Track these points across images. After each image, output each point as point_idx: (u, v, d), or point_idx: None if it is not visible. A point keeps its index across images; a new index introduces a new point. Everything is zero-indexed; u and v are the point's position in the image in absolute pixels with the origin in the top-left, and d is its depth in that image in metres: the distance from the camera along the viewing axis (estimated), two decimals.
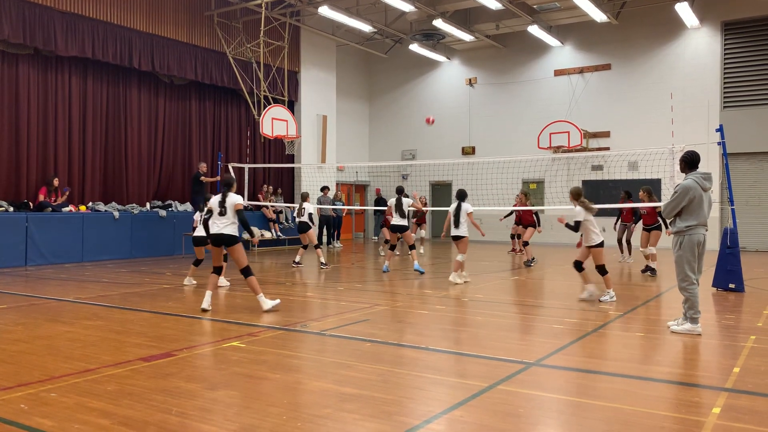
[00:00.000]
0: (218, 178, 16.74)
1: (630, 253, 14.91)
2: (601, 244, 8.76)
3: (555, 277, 12.05)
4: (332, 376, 4.96)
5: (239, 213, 7.87)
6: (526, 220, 14.71)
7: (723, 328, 7.04)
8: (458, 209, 10.80)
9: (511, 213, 16.57)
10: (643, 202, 12.75)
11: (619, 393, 4.57)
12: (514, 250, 17.43)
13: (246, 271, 7.85)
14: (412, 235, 17.73)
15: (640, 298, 9.23)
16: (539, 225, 14.60)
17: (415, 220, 17.84)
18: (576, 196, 8.78)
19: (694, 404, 4.36)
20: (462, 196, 11.02)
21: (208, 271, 8.72)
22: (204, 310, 7.77)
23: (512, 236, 17.43)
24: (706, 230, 6.65)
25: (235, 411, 4.12)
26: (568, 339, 6.38)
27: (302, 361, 5.64)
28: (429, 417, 4.05)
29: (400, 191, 12.58)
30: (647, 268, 12.39)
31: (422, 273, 12.00)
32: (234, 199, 7.90)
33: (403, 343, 6.18)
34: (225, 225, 7.85)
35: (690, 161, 6.73)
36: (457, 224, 10.77)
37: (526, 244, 14.40)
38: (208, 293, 7.91)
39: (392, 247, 13.08)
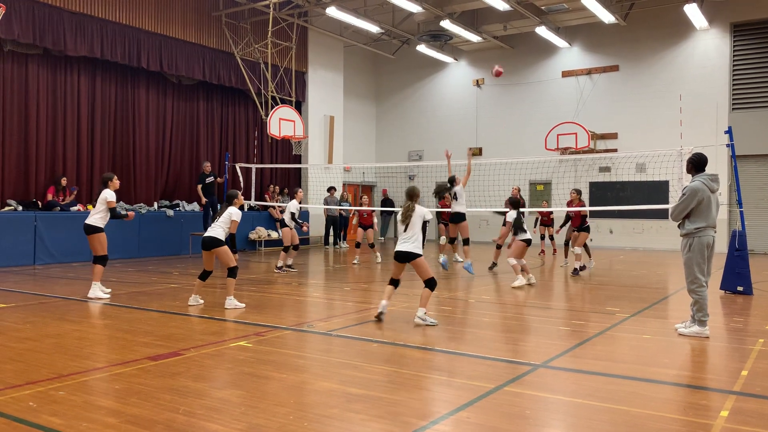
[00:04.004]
0: (221, 180, 16.72)
1: (590, 256, 13.94)
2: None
3: (561, 279, 12.01)
4: (339, 377, 4.97)
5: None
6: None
7: (731, 331, 7.01)
8: (520, 217, 10.85)
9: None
10: (573, 203, 12.69)
11: (626, 395, 4.56)
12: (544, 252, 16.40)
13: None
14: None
15: (647, 300, 9.19)
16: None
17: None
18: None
19: (701, 407, 4.34)
20: (517, 204, 11.17)
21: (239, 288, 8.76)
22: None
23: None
24: (715, 232, 6.63)
25: (242, 410, 4.13)
26: (575, 341, 6.36)
27: (309, 361, 5.65)
28: (435, 418, 4.05)
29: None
30: (575, 269, 12.26)
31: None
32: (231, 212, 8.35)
33: (409, 344, 6.18)
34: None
35: (697, 163, 6.71)
36: (518, 231, 10.78)
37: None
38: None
39: (358, 245, 14.46)
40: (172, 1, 16.74)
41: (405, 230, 7.31)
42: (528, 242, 10.72)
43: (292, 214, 12.79)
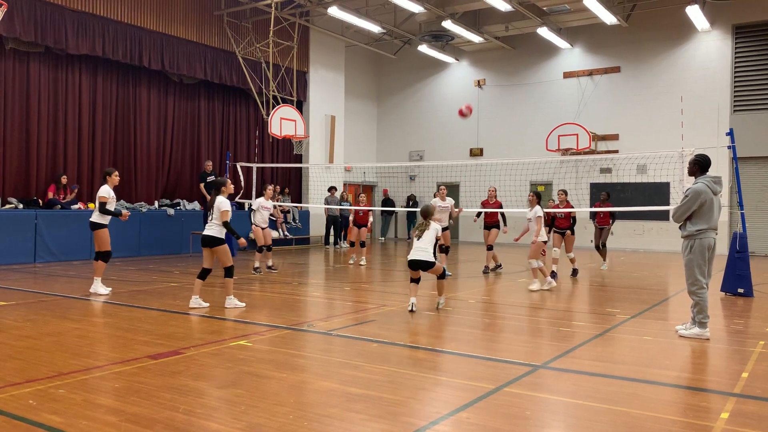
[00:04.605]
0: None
1: (604, 258, 14.07)
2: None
3: (562, 280, 11.99)
4: (339, 376, 4.97)
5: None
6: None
7: (731, 333, 7.00)
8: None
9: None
10: (562, 203, 12.27)
11: (626, 396, 4.55)
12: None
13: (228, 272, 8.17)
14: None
15: (648, 302, 9.19)
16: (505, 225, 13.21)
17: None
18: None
19: (702, 409, 4.34)
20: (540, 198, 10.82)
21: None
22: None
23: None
24: (716, 234, 6.62)
25: (242, 409, 4.13)
26: (575, 342, 6.36)
27: (309, 360, 5.64)
28: (435, 418, 4.04)
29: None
30: (574, 271, 12.21)
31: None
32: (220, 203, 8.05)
33: (409, 344, 6.18)
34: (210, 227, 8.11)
35: (703, 164, 6.70)
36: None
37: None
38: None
39: (357, 244, 14.26)
40: (174, 0, 16.75)
41: (419, 239, 8.07)
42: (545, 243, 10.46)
43: (253, 211, 12.23)
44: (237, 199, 17.59)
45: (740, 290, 9.64)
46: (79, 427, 3.77)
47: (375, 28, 19.83)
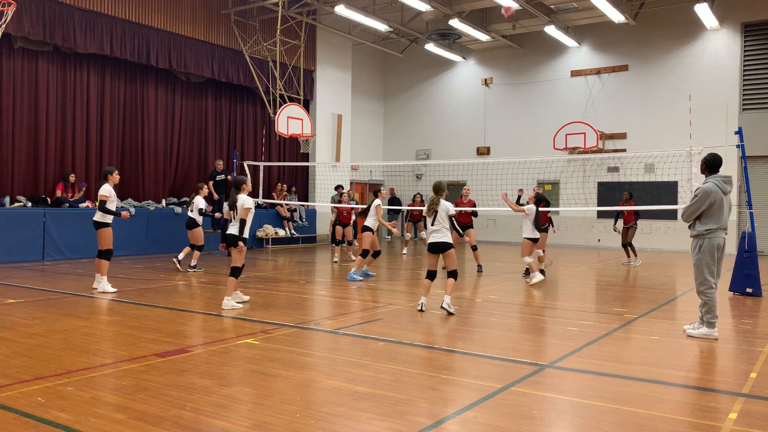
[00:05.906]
0: (228, 178, 16.81)
1: (635, 255, 14.80)
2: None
3: (569, 280, 11.97)
4: (345, 375, 4.97)
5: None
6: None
7: (740, 333, 6.97)
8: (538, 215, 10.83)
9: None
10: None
11: (633, 396, 4.54)
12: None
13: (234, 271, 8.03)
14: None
15: (656, 301, 9.15)
16: (553, 226, 13.52)
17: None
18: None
19: (710, 409, 4.32)
20: (540, 201, 11.13)
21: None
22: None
23: None
24: (726, 234, 6.59)
25: (249, 408, 4.14)
26: (582, 341, 6.34)
27: (316, 359, 5.65)
28: (442, 417, 4.04)
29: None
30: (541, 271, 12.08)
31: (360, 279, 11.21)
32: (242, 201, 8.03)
33: (416, 343, 6.18)
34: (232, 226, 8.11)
35: (712, 164, 6.66)
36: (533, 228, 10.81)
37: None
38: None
39: (338, 243, 14.91)
40: None
41: (432, 223, 7.89)
42: (534, 240, 10.92)
43: (200, 210, 12.04)
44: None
45: (749, 290, 9.59)
46: (86, 425, 3.79)
47: (382, 27, 19.82)
